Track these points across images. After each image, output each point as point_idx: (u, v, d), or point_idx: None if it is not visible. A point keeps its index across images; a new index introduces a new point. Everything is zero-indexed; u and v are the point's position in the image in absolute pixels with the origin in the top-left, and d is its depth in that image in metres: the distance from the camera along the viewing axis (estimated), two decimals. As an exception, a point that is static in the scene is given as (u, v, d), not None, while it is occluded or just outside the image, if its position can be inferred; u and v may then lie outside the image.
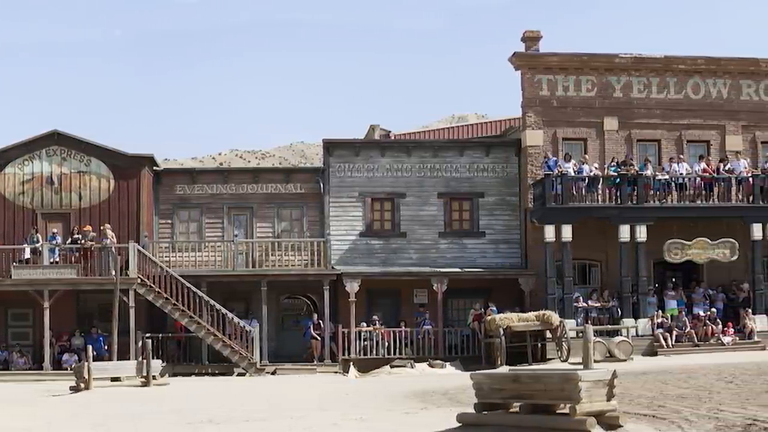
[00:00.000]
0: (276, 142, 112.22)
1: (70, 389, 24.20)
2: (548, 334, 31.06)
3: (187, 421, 17.03)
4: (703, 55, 35.05)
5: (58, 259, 32.14)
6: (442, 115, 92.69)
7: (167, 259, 32.68)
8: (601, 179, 32.96)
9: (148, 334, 30.02)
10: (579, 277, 34.07)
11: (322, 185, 34.52)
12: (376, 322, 32.70)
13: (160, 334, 31.45)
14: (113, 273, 30.82)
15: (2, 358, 32.27)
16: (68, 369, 29.32)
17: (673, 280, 33.79)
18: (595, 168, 33.18)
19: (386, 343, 32.26)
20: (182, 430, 16.17)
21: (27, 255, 32.32)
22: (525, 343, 30.66)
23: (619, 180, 32.71)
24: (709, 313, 32.26)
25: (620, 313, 32.37)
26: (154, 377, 25.50)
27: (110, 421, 17.45)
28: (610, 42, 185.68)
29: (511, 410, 14.36)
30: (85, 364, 24.74)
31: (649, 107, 34.65)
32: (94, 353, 26.56)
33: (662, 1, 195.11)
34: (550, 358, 30.56)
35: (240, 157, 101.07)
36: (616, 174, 32.81)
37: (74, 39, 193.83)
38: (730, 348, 30.94)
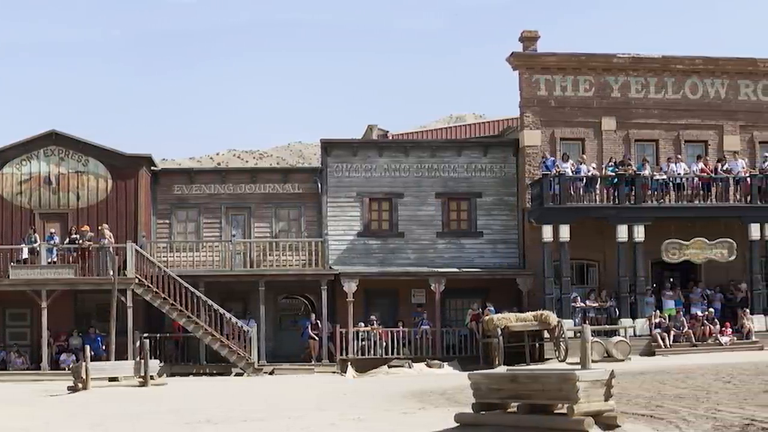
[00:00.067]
0: (274, 142, 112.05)
1: (68, 389, 24.18)
2: (546, 334, 31.04)
3: (185, 421, 17.02)
4: (701, 55, 35.05)
5: (55, 259, 32.13)
6: (439, 115, 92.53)
7: (165, 259, 32.66)
8: (599, 179, 32.95)
9: (146, 334, 29.96)
10: (577, 277, 34.07)
11: (319, 185, 34.50)
12: (374, 322, 32.69)
13: (158, 334, 31.45)
14: (111, 273, 30.83)
15: (0, 358, 32.27)
16: (66, 369, 29.37)
17: (671, 280, 33.76)
18: (593, 168, 33.17)
19: (384, 343, 32.25)
20: (180, 430, 16.16)
21: (25, 255, 32.32)
22: (523, 343, 30.64)
23: (616, 180, 32.72)
24: (706, 313, 32.26)
25: (618, 313, 32.37)
26: (151, 377, 25.50)
27: (108, 421, 17.44)
28: (608, 42, 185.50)
29: (508, 410, 14.37)
30: (83, 364, 24.72)
31: (646, 107, 34.65)
32: (92, 353, 26.59)
33: (660, 2, 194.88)
34: (548, 358, 30.54)
35: (238, 157, 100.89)
36: (613, 174, 32.81)
37: (72, 39, 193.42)
38: (728, 348, 30.92)
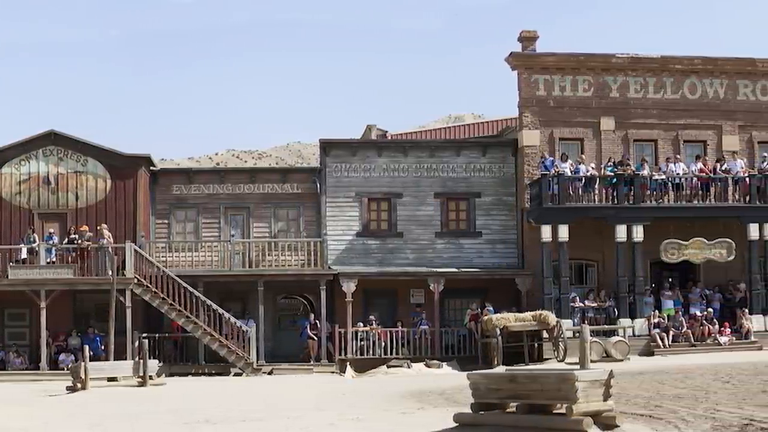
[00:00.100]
0: (273, 142, 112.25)
1: (67, 389, 24.16)
2: (545, 334, 31.04)
3: (183, 421, 17.01)
4: (700, 55, 35.07)
5: (54, 259, 32.12)
6: (438, 115, 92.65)
7: (164, 259, 32.66)
8: (598, 179, 32.96)
9: (145, 334, 30.02)
10: (576, 277, 34.08)
11: (318, 185, 34.50)
12: (373, 322, 32.68)
13: (157, 334, 31.45)
14: (110, 273, 30.81)
15: (-1, 358, 32.30)
16: (65, 369, 29.36)
17: (670, 280, 33.75)
18: (592, 168, 33.18)
19: (383, 343, 32.25)
20: (179, 430, 16.15)
21: (24, 255, 32.32)
22: (522, 343, 30.63)
23: (615, 180, 32.72)
24: (705, 313, 32.27)
25: (617, 313, 32.37)
26: (150, 377, 25.50)
27: (107, 421, 17.44)
28: (607, 42, 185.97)
29: (507, 410, 14.36)
30: (82, 364, 24.70)
31: (645, 107, 34.65)
32: (91, 353, 26.59)
33: (659, 2, 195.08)
34: (547, 358, 30.55)
35: (237, 157, 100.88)
36: (612, 174, 32.81)
37: (71, 39, 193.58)
38: (727, 348, 30.94)
